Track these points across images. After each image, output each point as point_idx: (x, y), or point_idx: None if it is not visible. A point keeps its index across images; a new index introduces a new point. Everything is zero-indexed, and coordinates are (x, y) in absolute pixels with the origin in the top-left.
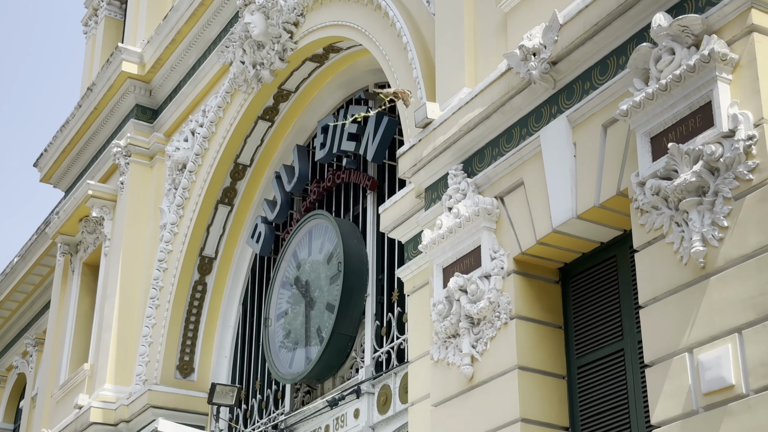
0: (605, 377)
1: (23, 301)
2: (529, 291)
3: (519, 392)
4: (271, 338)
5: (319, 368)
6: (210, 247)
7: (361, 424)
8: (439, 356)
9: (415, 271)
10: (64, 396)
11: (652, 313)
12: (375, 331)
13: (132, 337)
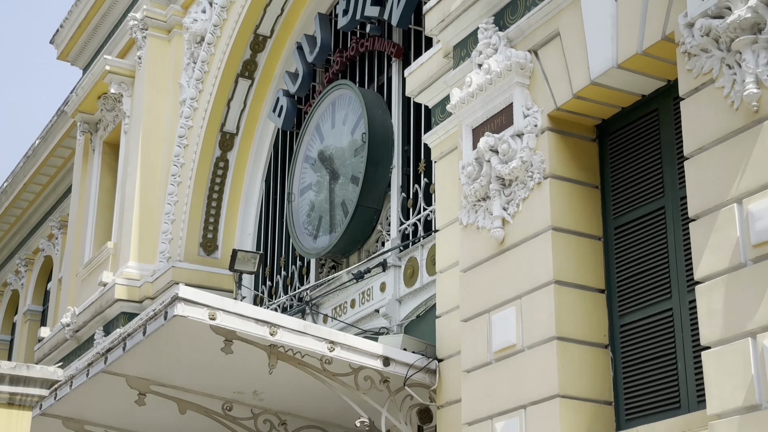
0: (644, 237)
1: (46, 184)
2: (565, 149)
3: (553, 254)
4: (294, 213)
5: (344, 242)
6: (231, 123)
7: (388, 297)
8: (468, 220)
9: (442, 136)
10: (89, 274)
11: (699, 164)
12: (401, 204)
13: (154, 214)
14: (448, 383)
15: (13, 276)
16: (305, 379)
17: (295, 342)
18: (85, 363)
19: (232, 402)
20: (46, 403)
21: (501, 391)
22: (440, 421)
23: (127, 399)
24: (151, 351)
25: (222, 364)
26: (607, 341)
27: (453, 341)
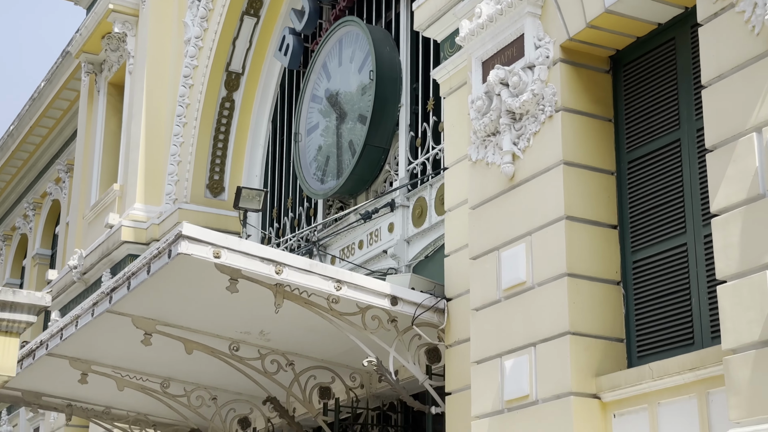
0: (658, 171)
1: (53, 127)
2: (577, 81)
3: (564, 189)
4: (301, 154)
5: (351, 182)
6: (237, 62)
7: (396, 237)
8: (477, 156)
9: (451, 71)
10: (96, 217)
11: (717, 92)
12: (409, 143)
13: (160, 156)
14: (456, 322)
15: (21, 220)
16: (312, 318)
17: (301, 281)
18: (90, 303)
19: (239, 342)
20: (53, 342)
21: (510, 329)
22: (449, 361)
23: (133, 339)
24: (156, 290)
25: (228, 304)
26: (619, 278)
27: (462, 280)
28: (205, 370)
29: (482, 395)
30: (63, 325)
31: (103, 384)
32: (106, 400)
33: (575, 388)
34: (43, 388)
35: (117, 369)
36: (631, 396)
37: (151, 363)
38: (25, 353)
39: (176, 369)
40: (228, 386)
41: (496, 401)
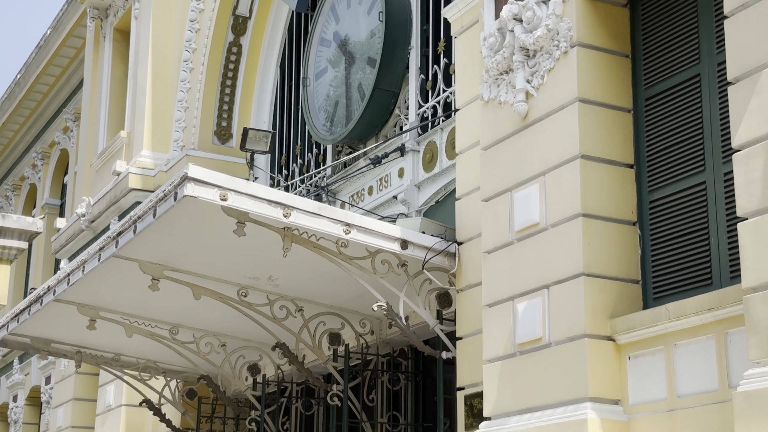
0: (677, 108)
1: (60, 75)
2: (593, 15)
3: (579, 127)
4: (310, 99)
5: (360, 127)
6: (243, 6)
7: (406, 183)
8: (489, 95)
9: (463, 9)
10: (103, 165)
11: (740, 22)
12: (420, 86)
13: (167, 102)
14: (467, 267)
15: (30, 170)
16: (321, 263)
17: (309, 224)
18: (96, 247)
19: (248, 288)
20: (60, 288)
21: (523, 272)
22: (460, 305)
23: (140, 285)
24: (163, 234)
25: (236, 248)
26: (634, 218)
27: (473, 223)
28: (214, 317)
29: (494, 339)
30: (70, 270)
31: (112, 331)
32: (115, 347)
33: (589, 330)
34: (52, 335)
35: (125, 315)
36: (647, 338)
37: (160, 309)
38: (33, 299)
39: (185, 315)
40: (237, 333)
41: (508, 344)
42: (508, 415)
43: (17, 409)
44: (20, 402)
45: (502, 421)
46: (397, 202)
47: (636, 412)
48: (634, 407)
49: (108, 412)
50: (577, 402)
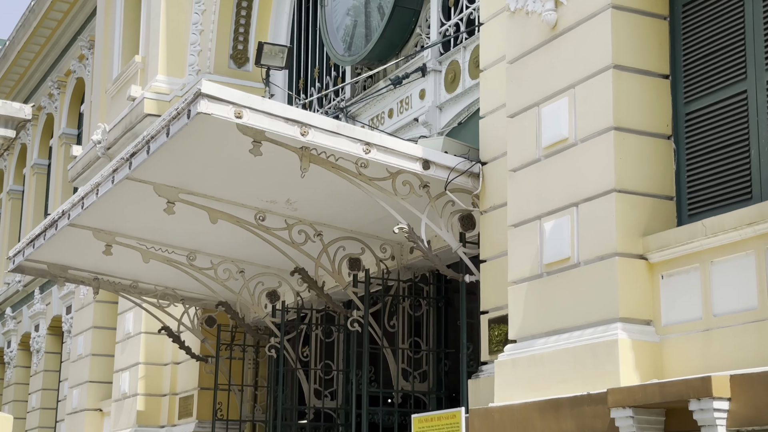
0: (716, 12)
1: (74, 2)
2: None
3: (612, 35)
4: (328, 19)
5: (380, 47)
6: None
7: (428, 104)
8: (516, 5)
9: None
10: (118, 91)
11: None
12: (441, 3)
13: (182, 25)
14: (492, 187)
15: (46, 99)
16: (340, 185)
17: (328, 143)
18: (110, 169)
19: (265, 212)
20: (74, 212)
21: (550, 190)
22: (483, 227)
23: (156, 209)
24: (177, 155)
25: (253, 170)
26: (669, 131)
27: (498, 142)
28: (232, 242)
29: (519, 260)
30: (84, 193)
31: (128, 257)
32: (133, 273)
33: (620, 248)
34: (69, 261)
35: (142, 241)
36: (682, 255)
37: (177, 234)
38: (48, 224)
39: (202, 241)
40: (255, 259)
41: (534, 265)
42: (534, 337)
43: (39, 339)
44: (42, 331)
45: (528, 344)
46: (419, 125)
47: (669, 333)
48: (666, 327)
49: (127, 339)
50: (607, 323)
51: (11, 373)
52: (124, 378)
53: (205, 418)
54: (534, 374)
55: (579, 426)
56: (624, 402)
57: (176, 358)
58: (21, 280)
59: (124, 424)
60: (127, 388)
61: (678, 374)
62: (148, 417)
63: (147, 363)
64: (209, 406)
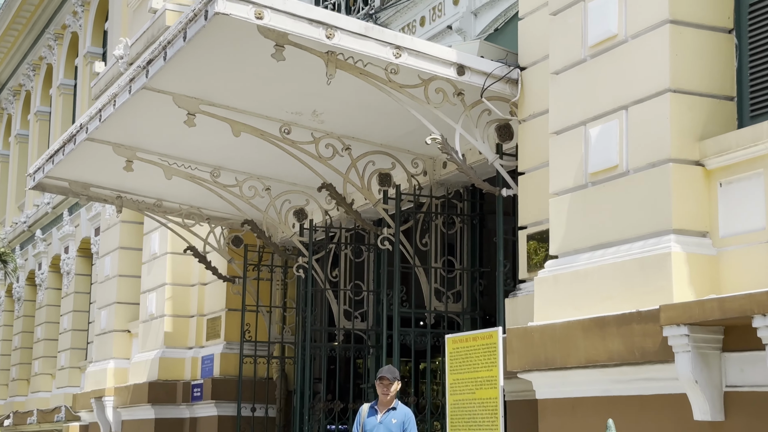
0: None
1: None
2: None
3: None
4: None
5: None
6: None
7: (461, 10)
8: None
9: None
10: (140, 4)
11: None
12: None
13: None
14: (531, 94)
15: (71, 17)
16: (369, 94)
17: (355, 47)
18: (127, 79)
19: (290, 124)
20: (92, 125)
21: (597, 92)
22: (522, 137)
23: (177, 122)
24: (196, 62)
25: (276, 79)
26: (731, 25)
27: (538, 45)
28: (257, 158)
29: (562, 169)
30: (101, 105)
31: (151, 174)
32: (156, 191)
33: (675, 154)
34: (91, 179)
35: (164, 156)
36: (743, 161)
37: (199, 150)
38: (66, 138)
39: (226, 156)
40: (281, 176)
41: (578, 175)
42: (577, 252)
43: (69, 261)
44: (72, 253)
45: (570, 259)
46: (452, 33)
47: (727, 245)
48: (725, 239)
49: (153, 260)
50: (659, 234)
51: (43, 294)
52: (151, 299)
53: (233, 339)
54: (577, 291)
55: (627, 345)
56: (678, 319)
57: (203, 278)
58: (50, 202)
59: (151, 345)
60: (154, 309)
61: (737, 289)
62: (176, 338)
63: (174, 284)
64: (237, 328)
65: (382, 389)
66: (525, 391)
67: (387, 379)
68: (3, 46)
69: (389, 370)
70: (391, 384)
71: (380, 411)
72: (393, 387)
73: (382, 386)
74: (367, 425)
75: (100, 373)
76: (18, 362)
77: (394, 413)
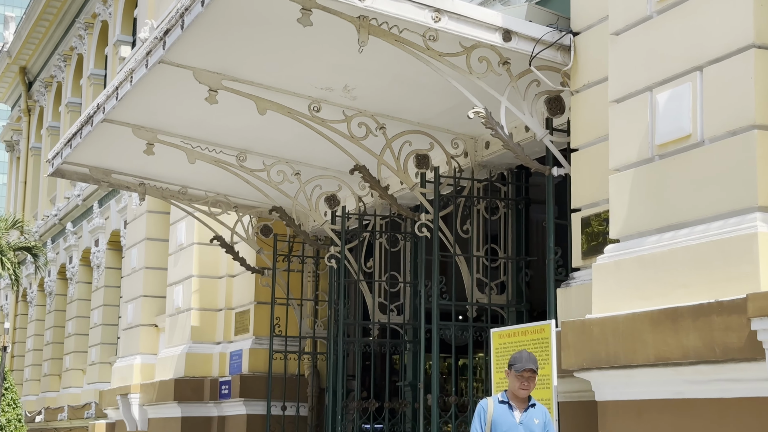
0: None
1: None
2: None
3: None
4: None
5: None
6: None
7: None
8: None
9: None
10: None
11: None
12: None
13: None
14: (586, 61)
15: (101, 5)
16: (405, 66)
17: (390, 9)
18: (143, 52)
19: (320, 102)
20: (109, 104)
21: (666, 53)
22: (575, 110)
23: (199, 101)
24: (218, 34)
25: (304, 50)
26: None
27: (594, 6)
28: (285, 140)
29: (624, 142)
30: (118, 83)
31: (174, 159)
32: (180, 178)
33: (760, 119)
34: (112, 164)
35: (186, 139)
36: None
37: (224, 131)
38: (84, 120)
39: (252, 138)
40: (312, 159)
41: (643, 147)
42: (642, 234)
43: (99, 254)
44: (102, 246)
45: (635, 243)
46: (495, 2)
47: None
48: None
49: (180, 251)
50: (743, 213)
51: (74, 288)
52: (178, 292)
53: (263, 334)
54: (643, 279)
55: (705, 341)
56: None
57: (231, 270)
58: (80, 194)
59: (178, 340)
60: (181, 302)
61: None
62: (203, 333)
63: (201, 276)
64: (266, 322)
65: (522, 383)
66: (582, 392)
67: (531, 371)
68: (34, 38)
69: (531, 359)
70: (534, 376)
71: (517, 408)
72: (535, 381)
73: (522, 379)
74: (502, 425)
75: (127, 369)
76: (50, 357)
77: (534, 412)
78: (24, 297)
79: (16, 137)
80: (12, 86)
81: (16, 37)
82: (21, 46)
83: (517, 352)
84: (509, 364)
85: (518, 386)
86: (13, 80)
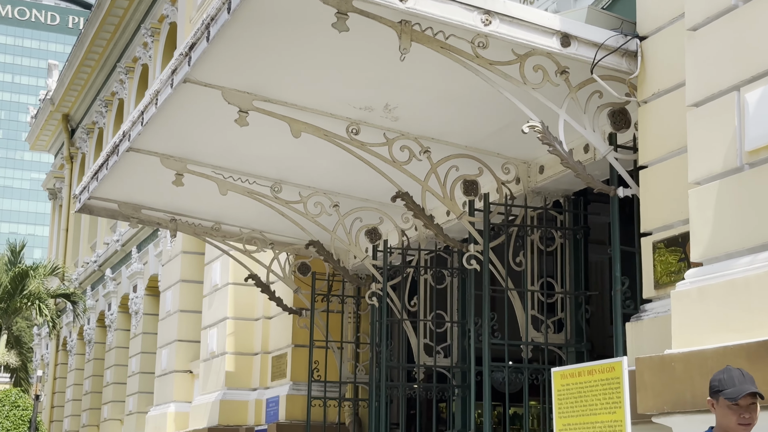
0: None
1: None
2: None
3: None
4: None
5: None
6: None
7: None
8: None
9: None
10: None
11: None
12: None
13: None
14: (655, 68)
15: (141, 49)
16: (450, 81)
17: (435, 12)
18: (168, 71)
19: (359, 123)
20: (134, 130)
21: (756, 45)
22: (643, 122)
23: (229, 125)
24: (247, 48)
25: (341, 63)
26: None
27: (662, 8)
28: (322, 168)
29: (706, 150)
30: (143, 107)
31: (206, 192)
32: (213, 213)
33: None
34: (141, 199)
35: (217, 169)
36: None
37: (257, 160)
38: (110, 150)
39: (287, 166)
40: (350, 189)
41: (730, 155)
42: (731, 256)
43: (137, 299)
44: (140, 292)
45: (722, 266)
46: (551, 2)
47: None
48: None
49: (215, 292)
50: None
51: (112, 336)
52: (212, 335)
53: (301, 379)
54: (734, 307)
55: None
56: None
57: (267, 312)
58: (119, 240)
59: (212, 387)
60: (215, 346)
61: None
62: (238, 378)
63: (236, 318)
64: (305, 366)
65: (740, 415)
66: None
67: (754, 396)
68: (77, 85)
69: (748, 378)
70: (756, 405)
71: None
72: (757, 412)
73: (741, 410)
74: None
75: (160, 417)
76: (88, 407)
77: None
78: (64, 346)
79: (59, 185)
80: (55, 134)
81: (59, 85)
82: (63, 93)
83: (718, 372)
84: (713, 390)
85: (736, 421)
86: (56, 128)
